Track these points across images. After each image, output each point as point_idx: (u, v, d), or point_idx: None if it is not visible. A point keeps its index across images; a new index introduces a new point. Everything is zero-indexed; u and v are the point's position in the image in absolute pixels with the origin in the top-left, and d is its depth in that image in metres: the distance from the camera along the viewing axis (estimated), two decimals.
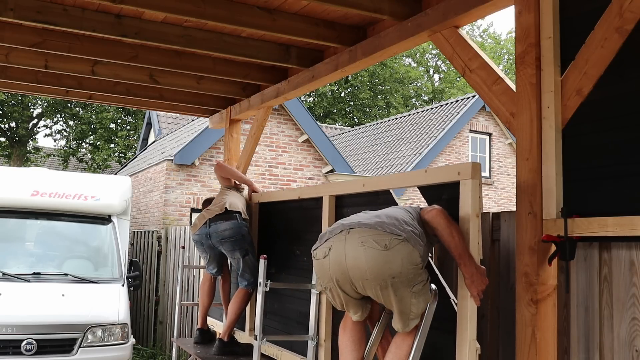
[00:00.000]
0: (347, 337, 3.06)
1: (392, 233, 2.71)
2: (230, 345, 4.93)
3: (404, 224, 2.81)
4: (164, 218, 11.56)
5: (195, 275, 8.24)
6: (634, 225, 2.43)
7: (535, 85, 2.87)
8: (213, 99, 6.40)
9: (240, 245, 4.87)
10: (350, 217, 3.02)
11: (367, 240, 2.71)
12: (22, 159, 22.50)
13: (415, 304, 2.79)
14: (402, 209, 3.04)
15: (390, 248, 2.68)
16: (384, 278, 2.68)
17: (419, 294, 2.79)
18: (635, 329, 2.58)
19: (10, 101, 21.62)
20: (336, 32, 4.39)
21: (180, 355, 7.37)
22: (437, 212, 2.89)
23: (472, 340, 2.85)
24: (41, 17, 4.17)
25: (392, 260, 2.67)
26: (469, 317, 2.87)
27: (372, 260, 2.68)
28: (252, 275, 4.89)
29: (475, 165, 2.97)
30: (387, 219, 2.83)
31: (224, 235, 4.85)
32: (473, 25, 35.38)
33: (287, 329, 4.68)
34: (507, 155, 18.10)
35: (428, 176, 3.30)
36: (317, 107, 31.55)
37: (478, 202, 2.94)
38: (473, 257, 2.86)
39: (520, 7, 2.99)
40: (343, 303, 2.96)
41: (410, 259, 2.70)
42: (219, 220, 4.88)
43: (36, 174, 7.72)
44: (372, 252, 2.68)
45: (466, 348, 2.86)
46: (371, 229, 2.74)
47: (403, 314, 2.81)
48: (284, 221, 5.06)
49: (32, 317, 6.02)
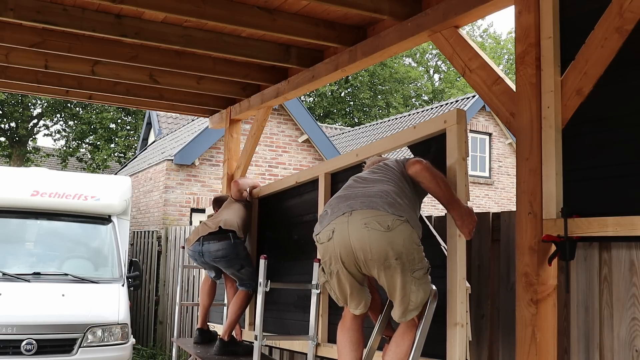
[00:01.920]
0: (346, 338, 3.06)
1: (393, 214, 2.77)
2: (231, 345, 4.93)
3: (400, 200, 2.84)
4: (164, 218, 11.56)
5: (196, 275, 8.24)
6: (634, 225, 2.43)
7: (535, 85, 2.88)
8: (213, 99, 6.39)
9: (234, 262, 4.86)
10: (345, 191, 3.03)
11: (370, 221, 2.76)
12: (22, 159, 22.49)
13: (415, 292, 2.81)
14: (391, 171, 3.03)
15: (393, 229, 2.74)
16: (387, 258, 2.75)
17: (419, 282, 2.81)
18: (635, 329, 2.58)
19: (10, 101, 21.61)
20: (336, 32, 4.39)
21: (180, 355, 7.37)
22: (420, 168, 2.94)
23: (462, 279, 2.92)
24: (41, 17, 4.17)
25: (394, 241, 2.74)
26: (458, 256, 2.95)
27: (376, 241, 2.74)
28: (251, 279, 4.89)
29: (460, 111, 3.08)
30: (386, 196, 2.85)
31: (217, 255, 4.83)
32: (473, 25, 35.36)
33: (287, 308, 4.72)
34: (507, 155, 18.09)
35: (417, 131, 3.38)
36: (317, 107, 31.55)
37: (464, 146, 3.05)
38: (460, 201, 2.94)
39: (520, 7, 2.99)
40: (347, 292, 2.96)
41: (411, 239, 2.79)
42: (212, 240, 4.84)
43: (36, 174, 7.71)
44: (376, 233, 2.74)
45: (456, 287, 2.91)
46: (373, 210, 2.79)
47: (403, 301, 2.82)
48: (283, 211, 5.06)
49: (32, 317, 6.01)
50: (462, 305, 2.89)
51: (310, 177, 4.56)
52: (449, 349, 2.92)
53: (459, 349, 2.85)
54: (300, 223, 4.73)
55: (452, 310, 2.93)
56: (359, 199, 2.88)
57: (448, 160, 3.09)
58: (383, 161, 3.21)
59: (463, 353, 2.84)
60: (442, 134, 3.16)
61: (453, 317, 2.91)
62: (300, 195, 4.79)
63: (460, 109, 3.12)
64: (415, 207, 2.97)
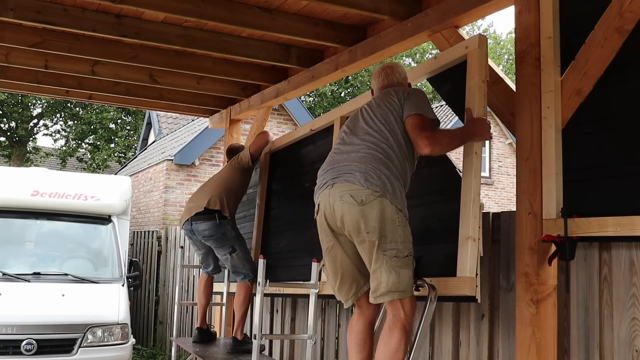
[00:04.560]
0: (352, 339, 3.06)
1: (368, 188, 2.77)
2: (244, 343, 4.88)
3: (382, 168, 2.80)
4: (164, 218, 11.56)
5: (195, 275, 8.24)
6: (634, 225, 2.43)
7: (535, 85, 2.88)
8: (213, 99, 6.40)
9: (223, 242, 4.85)
10: (333, 155, 3.02)
11: (345, 195, 2.81)
12: (22, 159, 22.49)
13: (386, 273, 2.74)
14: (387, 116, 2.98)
15: (366, 203, 2.76)
16: (359, 232, 2.77)
17: (390, 262, 2.74)
18: (635, 329, 2.58)
19: (10, 101, 21.59)
20: (336, 32, 4.39)
21: (180, 355, 7.37)
22: (425, 146, 2.85)
23: (477, 195, 2.91)
24: (41, 17, 4.17)
25: (367, 215, 2.75)
26: (473, 172, 2.94)
27: (348, 214, 2.79)
28: (245, 267, 4.85)
29: (482, 36, 3.11)
30: (366, 166, 2.82)
31: (205, 234, 4.88)
32: (473, 25, 35.29)
33: (293, 254, 4.72)
34: (507, 155, 18.10)
35: (438, 61, 3.38)
36: (317, 107, 31.54)
37: (485, 69, 3.04)
38: (469, 129, 2.97)
39: (520, 7, 2.99)
40: (338, 272, 2.96)
41: (385, 214, 2.75)
42: (199, 220, 4.87)
43: (36, 174, 7.71)
44: (349, 206, 2.79)
45: (471, 201, 2.90)
46: (349, 184, 2.81)
47: (373, 279, 2.80)
48: (296, 161, 5.03)
49: (32, 317, 6.01)
50: (475, 220, 2.86)
51: (325, 123, 4.53)
52: (460, 262, 2.86)
53: (470, 262, 2.80)
54: (313, 170, 4.68)
55: (465, 225, 2.90)
56: (341, 169, 2.89)
57: (468, 82, 3.08)
58: (388, 91, 3.11)
59: (474, 266, 2.79)
60: (462, 62, 3.16)
61: (465, 231, 2.88)
62: (314, 143, 4.75)
63: (482, 34, 3.14)
64: (405, 165, 2.92)
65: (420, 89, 3.28)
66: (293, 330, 5.25)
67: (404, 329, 2.81)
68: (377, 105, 3.07)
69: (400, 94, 3.05)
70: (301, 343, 5.03)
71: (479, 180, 2.95)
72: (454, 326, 3.55)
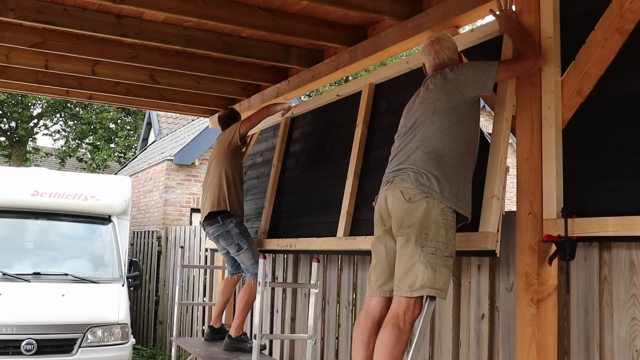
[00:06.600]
0: (358, 337, 3.06)
1: (417, 188, 2.86)
2: (238, 341, 4.88)
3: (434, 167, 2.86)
4: (164, 218, 11.56)
5: (195, 275, 8.24)
6: (634, 225, 2.43)
7: (536, 85, 2.88)
8: (213, 99, 6.40)
9: (230, 241, 4.95)
10: (398, 142, 3.10)
11: (396, 191, 2.92)
12: (22, 159, 22.48)
13: (422, 269, 2.75)
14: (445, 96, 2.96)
15: (413, 201, 2.85)
16: (401, 226, 2.86)
17: (428, 258, 2.76)
18: (635, 329, 2.58)
19: (10, 101, 21.58)
20: (336, 32, 4.39)
21: (180, 355, 7.38)
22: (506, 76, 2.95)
23: (504, 158, 3.03)
24: (41, 17, 4.17)
25: (411, 211, 2.84)
26: (502, 135, 3.04)
27: (395, 207, 2.91)
28: (254, 266, 4.85)
29: None
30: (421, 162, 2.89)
31: (214, 235, 5.05)
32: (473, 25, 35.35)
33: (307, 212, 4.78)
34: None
35: (474, 34, 3.45)
36: None
37: None
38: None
39: (521, 7, 3.00)
40: (380, 257, 3.03)
41: (429, 213, 2.82)
42: (207, 224, 5.06)
43: (36, 174, 7.72)
44: (397, 201, 2.90)
45: (498, 162, 3.01)
46: (403, 182, 2.92)
47: (409, 274, 2.78)
48: (318, 126, 5.03)
49: (32, 317, 6.02)
50: (500, 180, 2.99)
51: (353, 89, 4.53)
52: (483, 218, 2.99)
53: (493, 218, 2.94)
54: (336, 134, 4.68)
55: (490, 183, 3.02)
56: (399, 164, 2.99)
57: (503, 54, 3.13)
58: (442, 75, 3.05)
59: (496, 223, 2.94)
60: (499, 35, 3.21)
61: (490, 190, 3.00)
62: (338, 108, 4.75)
63: None
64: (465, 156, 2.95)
65: None
66: (293, 330, 5.26)
67: (401, 332, 2.81)
68: (430, 91, 3.04)
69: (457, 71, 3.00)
70: (301, 343, 5.03)
71: (507, 144, 3.08)
72: (454, 326, 3.55)
